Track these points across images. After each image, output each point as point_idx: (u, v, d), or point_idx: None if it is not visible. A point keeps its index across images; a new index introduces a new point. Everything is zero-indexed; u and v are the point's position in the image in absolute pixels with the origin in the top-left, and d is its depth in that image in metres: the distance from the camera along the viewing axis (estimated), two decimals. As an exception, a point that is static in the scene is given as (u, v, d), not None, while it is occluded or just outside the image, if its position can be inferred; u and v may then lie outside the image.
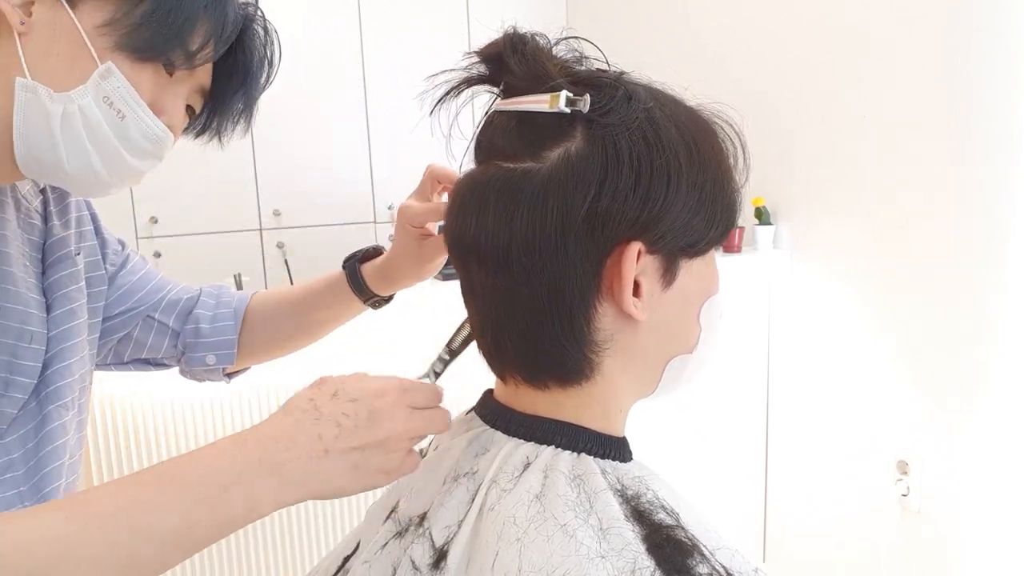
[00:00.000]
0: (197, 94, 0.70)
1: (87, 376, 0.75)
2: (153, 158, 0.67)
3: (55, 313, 0.70)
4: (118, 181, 0.66)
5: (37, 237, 0.72)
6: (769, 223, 1.95)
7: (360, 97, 2.95)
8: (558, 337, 0.49)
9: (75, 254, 0.75)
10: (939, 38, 1.48)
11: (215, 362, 0.88)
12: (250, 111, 0.76)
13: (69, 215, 0.77)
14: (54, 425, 0.68)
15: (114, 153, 0.63)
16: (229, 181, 2.77)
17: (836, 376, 1.80)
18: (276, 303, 0.90)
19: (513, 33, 0.50)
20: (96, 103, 0.60)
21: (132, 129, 0.63)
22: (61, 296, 0.71)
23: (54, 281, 0.72)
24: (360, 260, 0.85)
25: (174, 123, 0.67)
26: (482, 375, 0.57)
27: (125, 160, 0.64)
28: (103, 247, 0.82)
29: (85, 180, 0.64)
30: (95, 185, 0.65)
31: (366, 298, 0.85)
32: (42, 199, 0.75)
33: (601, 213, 0.46)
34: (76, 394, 0.72)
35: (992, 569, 1.46)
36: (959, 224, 1.48)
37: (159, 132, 0.65)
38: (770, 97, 1.93)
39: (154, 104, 0.64)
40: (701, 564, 0.45)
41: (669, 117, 0.49)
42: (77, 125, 0.60)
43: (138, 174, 0.67)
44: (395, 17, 2.94)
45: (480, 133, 0.53)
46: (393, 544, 0.54)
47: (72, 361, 0.71)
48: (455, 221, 0.52)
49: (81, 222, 0.79)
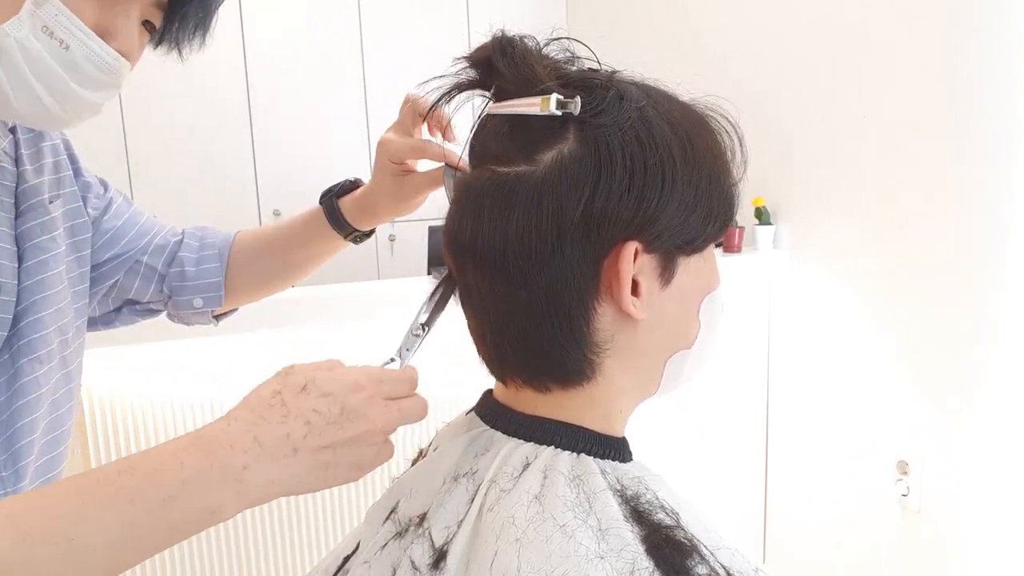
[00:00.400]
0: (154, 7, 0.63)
1: (68, 329, 0.71)
2: (109, 88, 0.62)
3: (26, 264, 0.67)
4: (75, 115, 0.61)
5: (8, 181, 0.68)
6: (769, 223, 1.95)
7: (360, 97, 2.95)
8: (557, 339, 0.49)
9: (49, 201, 0.71)
10: (939, 38, 1.48)
11: (202, 305, 0.86)
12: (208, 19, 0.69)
13: (43, 159, 0.72)
14: (27, 379, 0.65)
15: (63, 87, 0.58)
16: (229, 181, 2.77)
17: (836, 376, 1.80)
18: (258, 242, 0.88)
19: (502, 36, 0.50)
20: (34, 34, 0.56)
21: (79, 59, 0.58)
22: (32, 246, 0.68)
23: (25, 230, 0.68)
24: (337, 195, 0.83)
25: (127, 47, 0.61)
26: (482, 375, 0.57)
27: (76, 93, 0.59)
28: (84, 191, 0.78)
29: (39, 116, 0.60)
30: (52, 121, 0.61)
31: (346, 233, 0.83)
32: (12, 139, 0.70)
33: (596, 214, 0.46)
34: (53, 347, 0.68)
35: (992, 569, 1.46)
36: (959, 224, 1.48)
37: (110, 60, 0.59)
38: (770, 97, 1.93)
39: (100, 28, 0.59)
40: (700, 565, 0.45)
41: (662, 115, 0.48)
42: (17, 60, 0.56)
43: (95, 106, 0.62)
44: (395, 17, 2.94)
45: (473, 137, 0.53)
46: (393, 544, 0.54)
47: (46, 313, 0.68)
48: (452, 225, 0.52)
49: (59, 167, 0.74)
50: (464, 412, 0.61)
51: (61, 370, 0.71)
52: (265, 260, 0.88)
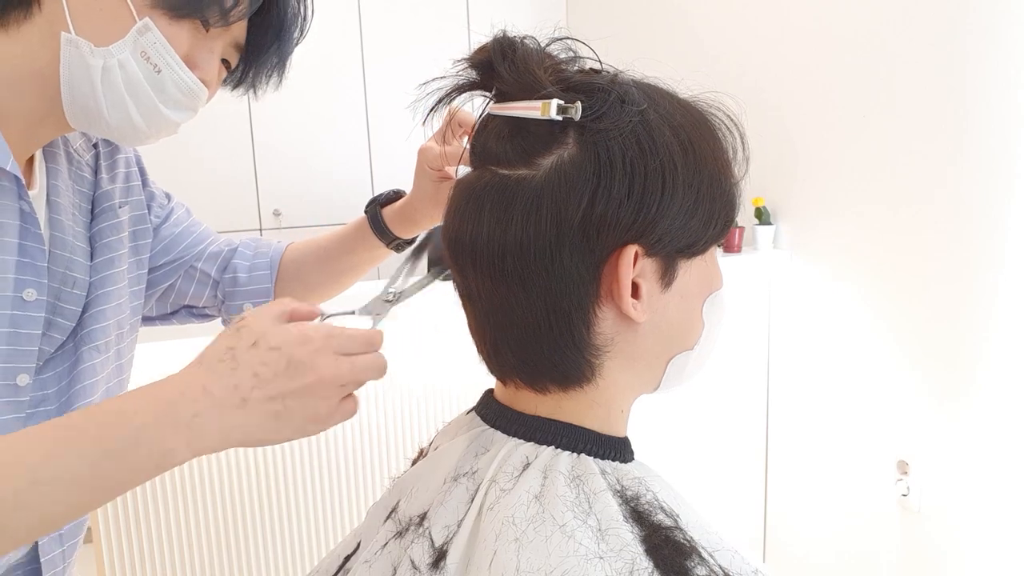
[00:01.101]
0: (232, 48, 0.72)
1: (124, 323, 0.78)
2: (188, 110, 0.70)
3: (96, 261, 0.74)
4: (155, 132, 0.69)
5: (87, 189, 0.76)
6: (769, 223, 1.95)
7: (360, 97, 2.95)
8: (556, 342, 0.49)
9: (119, 206, 0.79)
10: (939, 38, 1.47)
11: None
12: (283, 64, 0.78)
13: (117, 169, 0.81)
14: (85, 365, 0.72)
15: (151, 105, 0.66)
16: (229, 181, 2.77)
17: (836, 376, 1.80)
18: (307, 252, 0.94)
19: (502, 38, 0.50)
20: (134, 57, 0.63)
21: (167, 82, 0.66)
22: (102, 245, 0.76)
23: (97, 231, 0.76)
24: (381, 204, 0.88)
25: (208, 77, 0.69)
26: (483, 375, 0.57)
27: (161, 112, 0.67)
28: (149, 200, 0.85)
29: (125, 130, 0.67)
30: (135, 135, 0.68)
31: (388, 241, 0.88)
32: (94, 153, 0.79)
33: (596, 220, 0.46)
34: (111, 338, 0.75)
35: (992, 569, 1.46)
36: (959, 224, 1.48)
37: (193, 86, 0.67)
38: (770, 97, 1.93)
39: (189, 59, 0.67)
40: (699, 566, 0.45)
41: (663, 118, 0.48)
42: (116, 78, 0.63)
43: (174, 125, 0.70)
44: (395, 17, 2.94)
45: (475, 137, 0.53)
46: (393, 544, 0.54)
47: (108, 307, 0.75)
48: (452, 226, 0.52)
49: (130, 177, 0.83)
50: (464, 412, 0.61)
51: (116, 361, 0.77)
52: (312, 268, 0.93)
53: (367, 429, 1.64)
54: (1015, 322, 1.39)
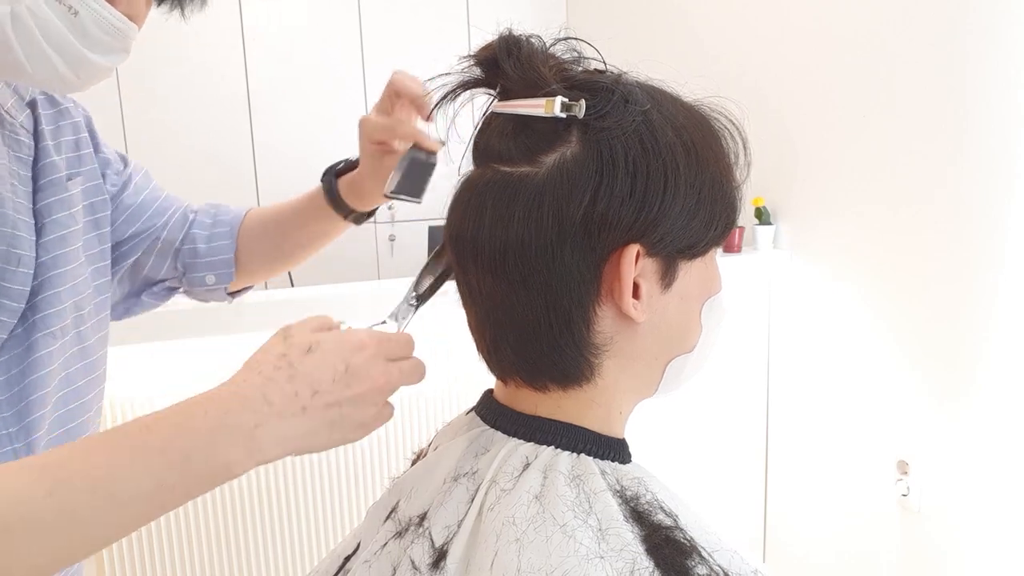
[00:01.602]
0: None
1: (85, 304, 0.72)
2: (119, 52, 0.63)
3: (44, 239, 0.68)
4: (87, 80, 0.63)
5: (26, 155, 0.69)
6: (769, 223, 1.95)
7: (360, 97, 2.95)
8: (556, 340, 0.49)
9: (67, 179, 0.72)
10: (939, 38, 1.48)
11: (215, 282, 0.88)
12: None
13: (63, 137, 0.73)
14: (40, 354, 0.67)
15: (75, 53, 0.60)
16: (229, 181, 2.77)
17: (836, 376, 1.80)
18: (265, 220, 0.89)
19: (508, 36, 0.50)
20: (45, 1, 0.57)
21: (88, 24, 0.59)
22: (51, 222, 0.69)
23: (43, 206, 0.69)
24: (337, 174, 0.84)
25: (134, 11, 0.63)
26: (483, 375, 0.57)
27: (88, 58, 0.61)
28: (103, 167, 0.79)
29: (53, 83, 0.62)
30: (64, 86, 0.63)
31: (344, 213, 0.84)
32: (30, 114, 0.71)
33: (597, 218, 0.46)
34: (67, 323, 0.70)
35: (992, 569, 1.46)
36: (959, 224, 1.48)
37: (118, 23, 0.61)
38: (770, 97, 1.93)
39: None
40: (700, 565, 0.45)
41: (667, 119, 0.48)
42: (29, 25, 0.57)
43: (106, 71, 0.64)
44: (395, 17, 2.94)
45: (477, 135, 0.53)
46: (393, 544, 0.54)
47: (62, 289, 0.69)
48: (453, 223, 0.52)
49: (80, 144, 0.76)
50: (464, 412, 0.61)
51: (76, 344, 0.72)
52: (270, 239, 0.89)
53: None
54: (1015, 322, 1.39)
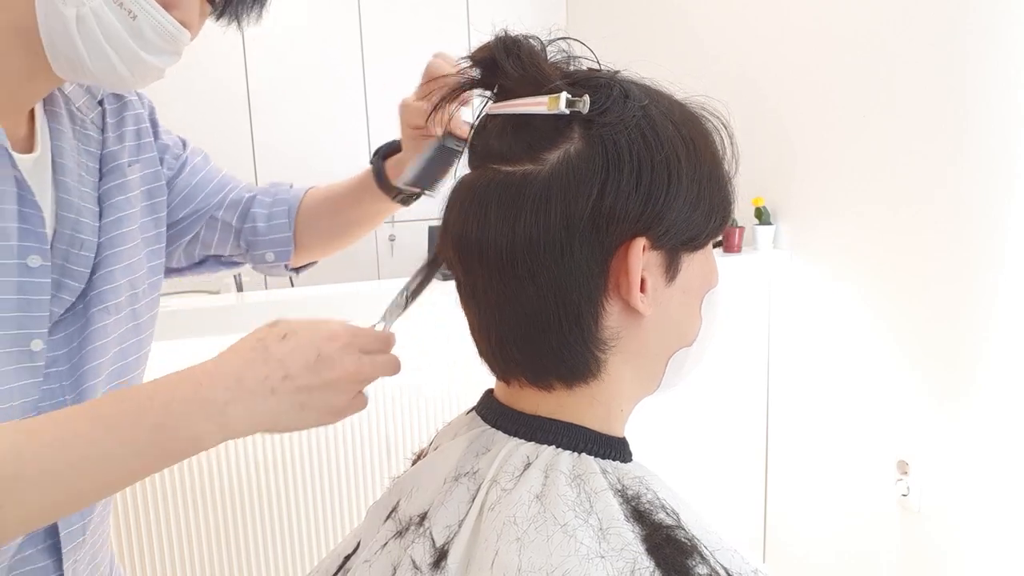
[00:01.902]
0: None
1: (139, 283, 0.78)
2: (171, 55, 0.68)
3: (104, 221, 0.74)
4: (140, 79, 0.68)
5: (94, 148, 0.76)
6: (769, 223, 1.95)
7: (360, 97, 2.96)
8: (565, 336, 0.49)
9: (127, 166, 0.78)
10: (939, 38, 1.48)
11: (274, 259, 0.93)
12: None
13: (125, 127, 0.80)
14: (95, 327, 0.72)
15: (131, 53, 0.64)
16: (229, 181, 2.77)
17: (836, 376, 1.81)
18: (322, 200, 0.93)
19: (505, 36, 0.50)
20: (106, 4, 0.62)
21: (145, 28, 0.64)
22: (110, 205, 0.75)
23: (105, 191, 0.75)
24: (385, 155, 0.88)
25: (188, 18, 0.67)
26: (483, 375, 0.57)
27: (142, 59, 0.65)
28: (162, 152, 0.84)
29: (111, 78, 0.66)
30: (120, 83, 0.67)
31: (392, 194, 0.87)
32: (100, 111, 0.78)
33: (605, 212, 0.47)
34: (122, 299, 0.75)
35: (992, 569, 1.46)
36: (959, 224, 1.48)
37: (172, 29, 0.65)
38: (770, 97, 1.93)
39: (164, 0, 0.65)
40: (700, 565, 0.45)
41: (665, 114, 0.49)
42: (92, 26, 0.62)
43: (157, 71, 0.68)
44: (395, 17, 2.94)
45: (474, 137, 0.53)
46: (393, 544, 0.54)
47: (118, 267, 0.74)
48: (456, 225, 0.52)
49: (140, 134, 0.81)
50: (465, 412, 0.62)
51: (130, 321, 0.77)
52: (327, 218, 0.93)
53: (367, 429, 1.64)
54: (1015, 322, 1.39)
